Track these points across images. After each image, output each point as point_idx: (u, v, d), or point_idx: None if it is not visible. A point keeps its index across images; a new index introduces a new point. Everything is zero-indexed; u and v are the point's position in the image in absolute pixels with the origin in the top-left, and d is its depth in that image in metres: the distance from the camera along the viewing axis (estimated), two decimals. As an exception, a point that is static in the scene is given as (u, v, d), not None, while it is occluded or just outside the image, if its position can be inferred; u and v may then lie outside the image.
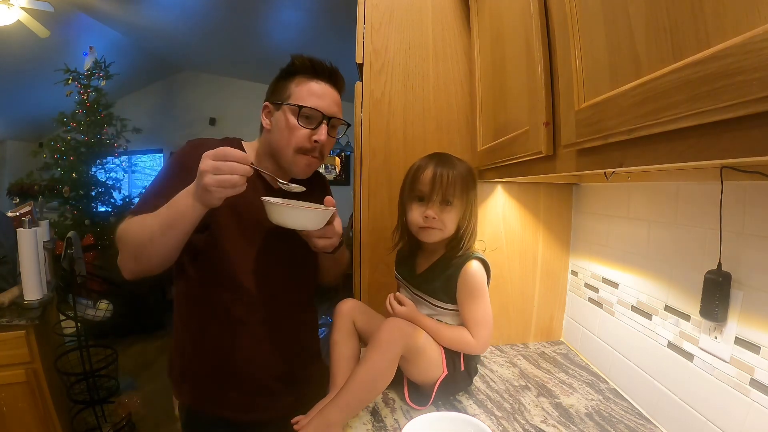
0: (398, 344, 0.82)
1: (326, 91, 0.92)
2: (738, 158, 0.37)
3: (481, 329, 0.89)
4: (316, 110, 0.89)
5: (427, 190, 0.90)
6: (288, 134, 0.90)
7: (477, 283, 0.89)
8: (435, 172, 0.89)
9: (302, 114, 0.89)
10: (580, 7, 0.60)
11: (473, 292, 0.89)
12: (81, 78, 3.65)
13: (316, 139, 0.90)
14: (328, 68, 0.93)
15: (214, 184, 0.69)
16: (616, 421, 0.85)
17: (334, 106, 0.93)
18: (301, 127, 0.89)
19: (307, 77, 0.91)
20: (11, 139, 5.35)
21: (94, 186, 3.75)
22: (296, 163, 0.92)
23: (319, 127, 0.90)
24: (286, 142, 0.91)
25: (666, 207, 0.86)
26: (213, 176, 0.69)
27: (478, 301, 0.90)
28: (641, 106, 0.46)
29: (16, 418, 1.55)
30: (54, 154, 3.60)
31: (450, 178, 0.89)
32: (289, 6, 3.57)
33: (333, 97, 0.94)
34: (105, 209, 3.89)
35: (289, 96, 0.91)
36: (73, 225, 3.50)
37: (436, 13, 1.22)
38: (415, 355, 0.85)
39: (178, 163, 0.90)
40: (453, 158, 0.94)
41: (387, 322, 0.85)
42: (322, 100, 0.90)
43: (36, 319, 1.54)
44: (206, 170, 0.70)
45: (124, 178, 4.20)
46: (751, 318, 0.66)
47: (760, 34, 0.31)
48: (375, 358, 0.81)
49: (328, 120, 0.91)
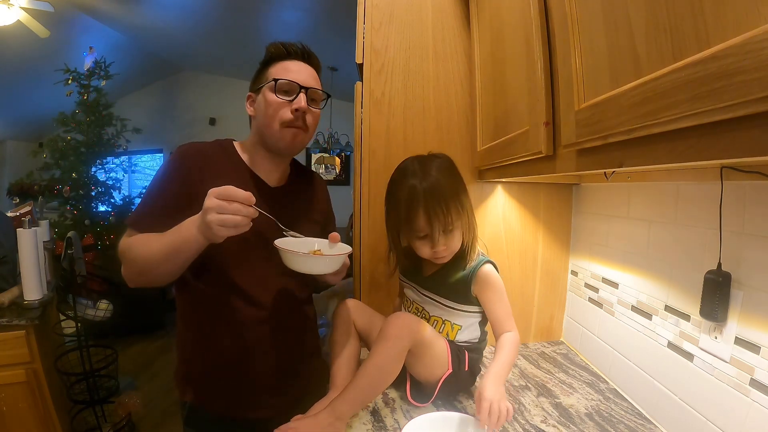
0: (406, 339, 0.83)
1: (301, 67, 0.94)
2: (738, 158, 0.37)
3: (512, 320, 0.93)
4: (292, 81, 0.91)
5: (427, 230, 0.88)
6: (270, 110, 0.91)
7: (497, 282, 0.93)
8: (428, 210, 0.86)
9: (279, 88, 0.91)
10: (580, 7, 0.60)
11: (497, 291, 0.93)
12: (81, 78, 3.65)
13: (296, 107, 0.91)
14: (300, 49, 0.96)
15: (217, 223, 0.70)
16: (616, 421, 0.85)
17: (310, 79, 0.94)
18: (280, 98, 0.91)
19: (279, 59, 0.94)
20: (11, 139, 5.35)
21: (94, 186, 3.74)
22: (283, 138, 0.93)
23: (297, 96, 0.91)
24: (269, 119, 0.92)
25: (666, 207, 0.86)
26: (217, 215, 0.70)
27: (503, 296, 0.93)
28: (641, 106, 0.46)
29: (16, 418, 1.55)
30: (54, 154, 3.60)
31: (445, 209, 0.86)
32: (289, 6, 3.57)
33: (309, 71, 0.95)
34: (105, 209, 3.88)
35: (265, 79, 0.93)
36: (73, 225, 3.49)
37: (436, 13, 1.22)
38: (422, 349, 0.86)
39: (170, 169, 0.91)
40: (431, 169, 0.89)
41: (394, 317, 0.85)
42: (298, 74, 0.93)
43: (36, 319, 1.54)
44: (211, 208, 0.70)
45: (124, 178, 4.20)
46: (751, 318, 0.66)
47: (760, 34, 0.31)
48: (383, 353, 0.82)
49: (306, 90, 0.92)
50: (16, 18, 3.00)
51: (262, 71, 0.96)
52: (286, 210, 0.98)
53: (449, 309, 0.95)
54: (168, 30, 4.26)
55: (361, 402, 0.83)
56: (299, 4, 3.53)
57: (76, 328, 1.95)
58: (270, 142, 0.94)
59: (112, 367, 2.10)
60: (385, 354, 0.82)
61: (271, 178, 0.99)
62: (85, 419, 1.99)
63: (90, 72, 3.67)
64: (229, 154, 0.98)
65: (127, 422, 2.12)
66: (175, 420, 2.04)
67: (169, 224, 0.85)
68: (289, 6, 3.57)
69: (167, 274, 0.85)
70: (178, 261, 0.82)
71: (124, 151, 3.99)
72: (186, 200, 0.88)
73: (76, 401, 1.94)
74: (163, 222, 0.85)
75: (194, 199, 0.88)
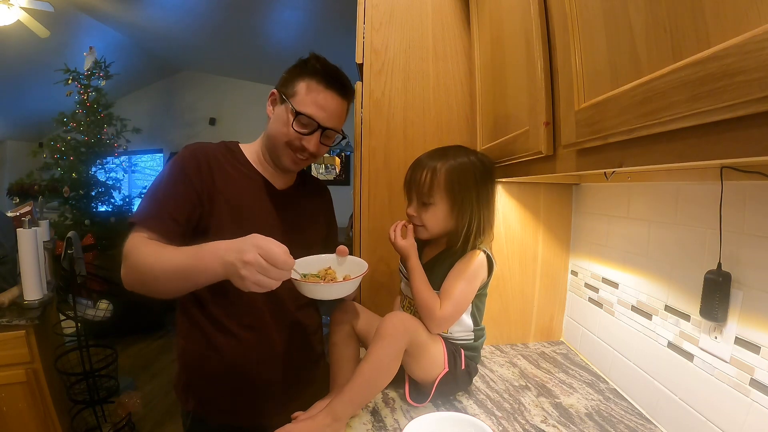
0: (401, 338, 0.83)
1: (331, 102, 0.91)
2: (738, 158, 0.37)
3: (448, 304, 0.88)
4: (313, 119, 0.89)
5: (406, 191, 0.96)
6: (282, 129, 0.91)
7: (471, 265, 0.89)
8: (408, 174, 0.95)
9: (298, 120, 0.89)
10: (580, 7, 0.60)
11: (462, 271, 0.89)
12: (81, 78, 3.65)
13: (305, 146, 0.91)
14: (339, 79, 0.91)
15: (251, 280, 0.67)
16: (616, 421, 0.85)
17: (333, 119, 0.92)
18: (294, 130, 0.90)
19: (316, 82, 0.90)
20: (11, 139, 5.36)
21: (94, 186, 3.75)
22: (284, 156, 0.93)
23: (312, 135, 0.90)
24: (279, 135, 0.92)
25: (666, 207, 0.86)
26: (256, 275, 0.66)
27: (462, 280, 0.89)
28: (641, 106, 0.46)
29: (16, 418, 1.55)
30: (54, 154, 3.60)
31: (425, 179, 0.90)
32: (289, 6, 3.57)
33: (336, 109, 0.92)
34: (105, 209, 3.89)
35: (294, 94, 0.90)
36: (73, 225, 3.50)
37: (436, 13, 1.23)
38: (418, 349, 0.86)
39: (178, 169, 0.90)
40: (449, 154, 0.92)
41: (389, 316, 0.85)
42: (324, 111, 0.90)
43: (36, 319, 1.54)
44: (251, 263, 0.66)
45: (124, 178, 4.20)
46: (751, 318, 0.66)
47: (760, 34, 0.31)
48: (379, 353, 0.82)
49: (322, 130, 0.91)
50: (16, 18, 3.00)
51: (294, 78, 0.91)
52: (291, 213, 0.99)
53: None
54: (168, 30, 4.26)
55: (359, 402, 0.83)
56: (299, 4, 3.53)
57: (76, 328, 1.95)
58: (273, 153, 0.95)
59: (112, 367, 2.10)
60: (381, 354, 0.81)
61: (277, 181, 0.99)
62: (85, 419, 1.99)
63: (90, 72, 3.67)
64: (236, 155, 0.97)
65: (127, 422, 2.12)
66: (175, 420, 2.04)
67: (175, 225, 0.85)
68: (289, 6, 3.57)
69: (172, 291, 0.80)
70: (188, 285, 0.79)
71: (124, 151, 4.00)
72: (193, 201, 0.87)
73: (76, 401, 1.94)
74: (169, 223, 0.85)
75: (206, 198, 0.88)
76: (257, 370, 0.92)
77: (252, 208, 0.93)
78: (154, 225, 0.83)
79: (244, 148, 1.00)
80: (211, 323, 0.91)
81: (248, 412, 0.93)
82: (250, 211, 0.92)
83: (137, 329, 3.54)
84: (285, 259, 0.68)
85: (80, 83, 3.65)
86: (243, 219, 0.91)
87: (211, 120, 5.71)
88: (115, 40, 4.32)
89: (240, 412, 0.93)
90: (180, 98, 5.71)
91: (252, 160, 0.98)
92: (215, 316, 0.91)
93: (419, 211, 0.93)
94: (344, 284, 0.84)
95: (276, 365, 0.94)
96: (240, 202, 0.92)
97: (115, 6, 3.72)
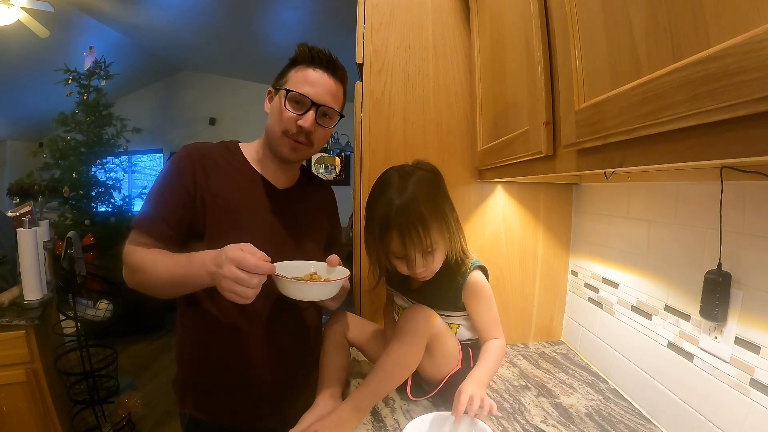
0: (424, 334, 0.84)
1: (321, 79, 0.91)
2: (738, 158, 0.37)
3: (499, 327, 0.93)
4: (305, 96, 0.88)
5: (403, 253, 0.84)
6: (277, 117, 0.90)
7: (486, 290, 0.92)
8: (403, 233, 0.81)
9: (290, 98, 0.89)
10: (580, 7, 0.60)
11: (483, 299, 0.92)
12: (81, 78, 3.64)
13: (301, 124, 0.89)
14: (326, 57, 0.92)
15: (229, 290, 0.70)
16: (616, 421, 0.85)
17: (326, 95, 0.91)
18: (288, 110, 0.89)
19: (305, 65, 0.91)
20: (11, 139, 5.36)
21: (94, 186, 3.74)
22: (282, 145, 0.92)
23: (307, 113, 0.89)
24: (275, 125, 0.91)
25: (666, 207, 0.86)
26: (233, 285, 0.70)
27: (491, 305, 0.93)
28: (641, 106, 0.46)
29: (16, 418, 1.55)
30: (54, 154, 3.59)
31: (423, 231, 0.80)
32: (289, 6, 3.57)
33: (328, 85, 0.92)
34: (105, 209, 3.88)
35: (286, 82, 0.91)
36: (73, 225, 3.49)
37: (436, 13, 1.22)
38: (436, 344, 0.86)
39: (172, 170, 0.90)
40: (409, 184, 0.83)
41: (410, 310, 0.86)
42: (314, 87, 0.90)
43: (36, 319, 1.54)
44: (226, 276, 0.69)
45: (124, 178, 4.19)
46: (751, 318, 0.66)
47: (760, 34, 0.31)
48: (402, 348, 0.83)
49: (317, 107, 0.90)
50: (16, 18, 3.00)
51: (285, 71, 0.94)
52: (291, 212, 0.98)
53: (442, 315, 0.93)
54: (168, 30, 4.26)
55: (381, 395, 0.85)
56: (299, 4, 3.53)
57: (76, 328, 1.95)
58: (272, 146, 0.94)
59: (112, 367, 2.10)
60: (404, 348, 0.83)
61: (278, 180, 0.98)
62: (85, 419, 1.99)
63: (90, 72, 3.67)
64: (235, 155, 0.97)
65: (127, 422, 2.12)
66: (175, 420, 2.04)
67: (166, 228, 0.86)
68: (289, 6, 3.57)
69: (171, 295, 0.87)
70: (184, 290, 0.86)
71: (124, 151, 3.99)
72: (185, 202, 0.87)
73: (76, 401, 1.94)
74: (161, 225, 0.85)
75: (199, 200, 0.88)
76: (255, 372, 0.92)
77: (250, 208, 0.93)
78: (147, 228, 0.87)
79: (244, 147, 0.99)
80: (210, 324, 0.91)
81: (245, 413, 0.93)
82: (248, 210, 0.92)
83: (137, 329, 3.54)
84: (256, 263, 0.70)
85: (80, 83, 3.65)
86: (241, 219, 0.91)
87: (211, 120, 5.72)
88: (115, 40, 4.32)
89: (237, 414, 0.92)
90: (180, 98, 5.71)
91: (251, 159, 0.97)
92: (214, 316, 0.90)
93: (426, 263, 0.85)
94: (322, 285, 0.82)
95: (274, 367, 0.94)
96: (238, 202, 0.91)
97: (115, 6, 3.72)
